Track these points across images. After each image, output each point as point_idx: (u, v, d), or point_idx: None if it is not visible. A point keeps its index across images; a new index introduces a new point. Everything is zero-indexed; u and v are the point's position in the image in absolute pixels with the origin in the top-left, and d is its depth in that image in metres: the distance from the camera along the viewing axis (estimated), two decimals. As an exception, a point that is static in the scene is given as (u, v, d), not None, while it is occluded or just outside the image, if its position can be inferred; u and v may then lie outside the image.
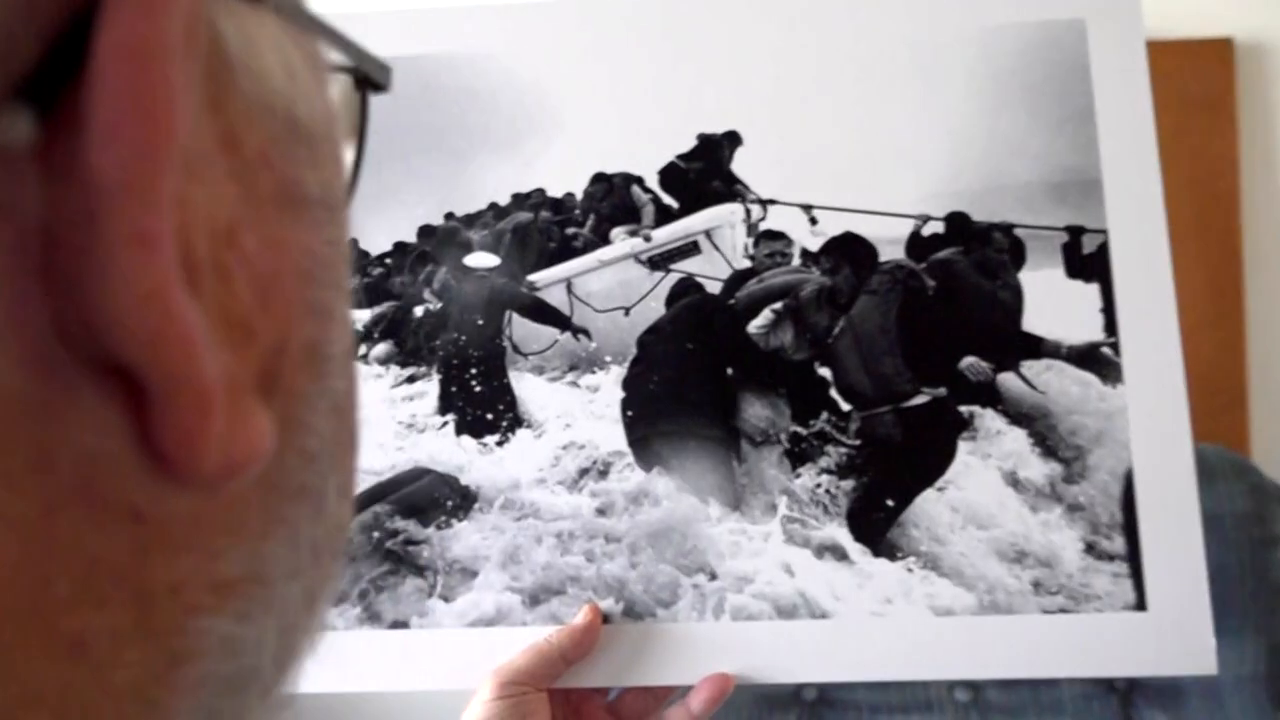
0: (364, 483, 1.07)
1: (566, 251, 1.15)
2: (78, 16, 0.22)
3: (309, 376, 0.30)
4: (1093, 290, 1.03)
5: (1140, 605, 0.96)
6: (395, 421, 1.10)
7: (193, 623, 0.26)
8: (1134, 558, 0.97)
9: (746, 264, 1.11)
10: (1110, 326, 1.01)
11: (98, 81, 0.22)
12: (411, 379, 1.12)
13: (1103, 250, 1.03)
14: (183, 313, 0.23)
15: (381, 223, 1.15)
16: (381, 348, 1.14)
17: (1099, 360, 1.02)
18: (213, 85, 0.26)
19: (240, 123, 0.27)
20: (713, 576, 1.01)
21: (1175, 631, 0.95)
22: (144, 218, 0.22)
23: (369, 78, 0.39)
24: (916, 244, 1.07)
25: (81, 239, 0.22)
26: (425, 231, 1.14)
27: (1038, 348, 1.04)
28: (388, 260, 1.16)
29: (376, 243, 1.16)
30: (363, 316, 1.15)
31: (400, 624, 1.02)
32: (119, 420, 0.24)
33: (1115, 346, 1.01)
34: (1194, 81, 1.83)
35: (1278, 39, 2.13)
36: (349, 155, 0.39)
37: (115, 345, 0.23)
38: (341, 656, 1.02)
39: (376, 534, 1.05)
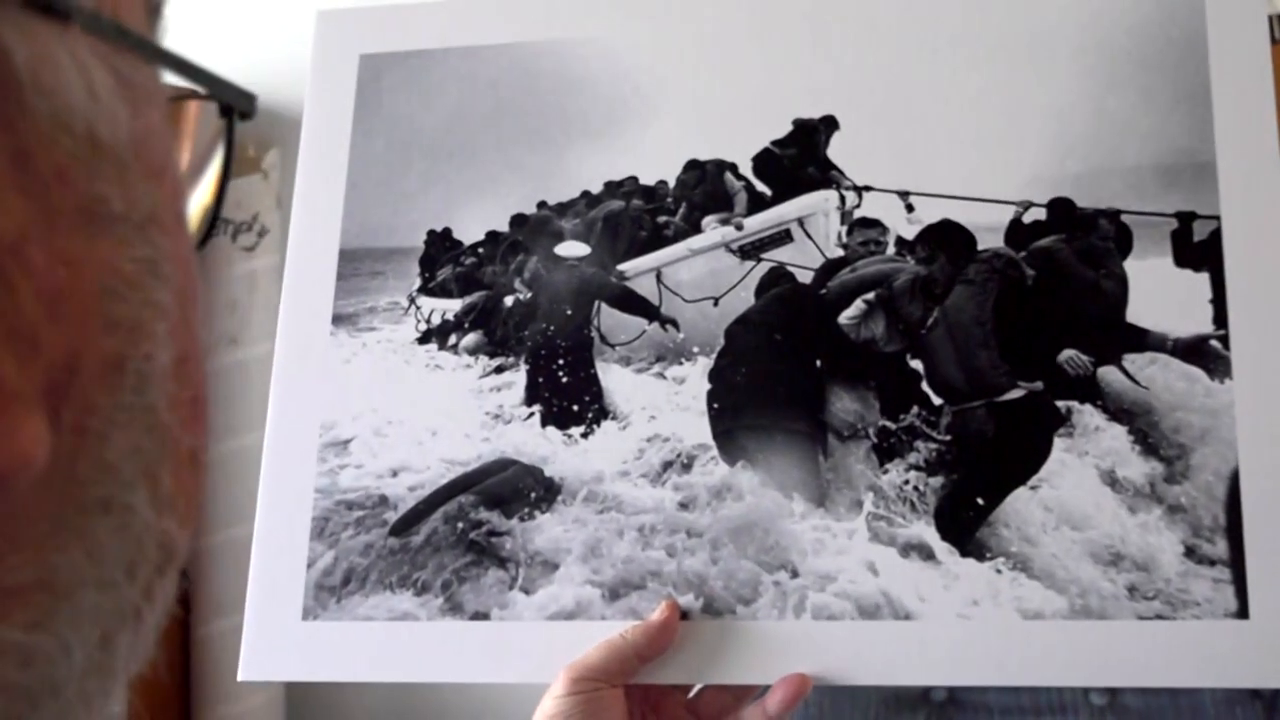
0: (450, 473, 1.08)
1: (657, 240, 1.15)
2: None
3: (107, 389, 0.30)
4: (1202, 280, 0.99)
5: (1242, 613, 0.92)
6: (482, 412, 1.11)
7: None
8: (1237, 563, 0.93)
9: (839, 253, 1.09)
10: (1220, 318, 0.97)
11: None
12: (500, 369, 1.13)
13: (1214, 238, 0.99)
14: None
15: (476, 212, 1.16)
16: (471, 338, 1.15)
17: (1207, 354, 0.98)
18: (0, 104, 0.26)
19: (32, 139, 0.27)
20: (794, 574, 1.00)
21: (1279, 640, 0.91)
22: None
23: (229, 104, 0.40)
24: (1017, 231, 1.05)
25: None
26: (518, 220, 1.16)
27: (1142, 340, 1.01)
28: (480, 250, 1.17)
29: (470, 232, 1.17)
30: (454, 306, 1.17)
31: (481, 615, 1.04)
32: None
33: (1225, 340, 0.97)
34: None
35: None
36: (199, 175, 0.40)
37: None
38: (423, 646, 1.04)
39: (461, 525, 1.06)
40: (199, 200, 0.42)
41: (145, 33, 0.34)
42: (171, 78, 0.35)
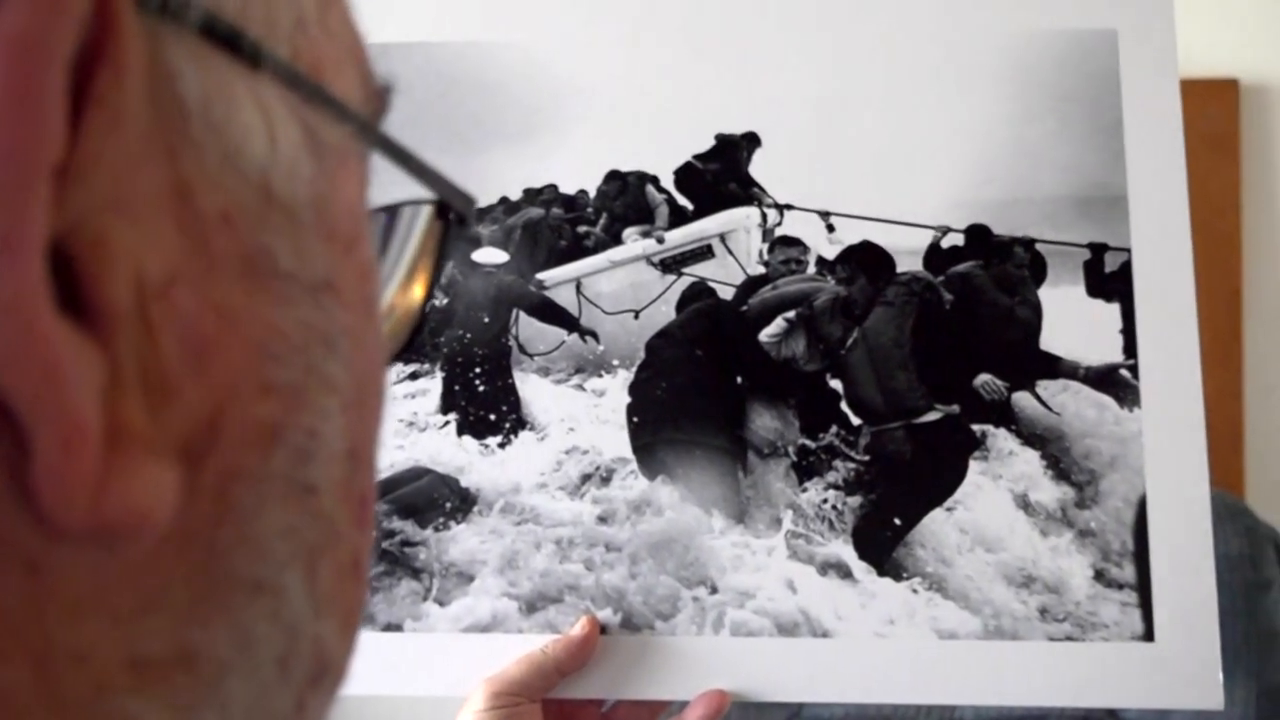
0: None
1: (577, 250, 1.17)
2: None
3: (258, 458, 0.28)
4: (1113, 310, 1.05)
5: (1148, 636, 0.98)
6: (396, 419, 1.13)
7: (107, 702, 0.25)
8: (1143, 587, 0.99)
9: (760, 270, 1.13)
10: (1130, 348, 1.03)
11: None
12: (414, 375, 1.14)
13: (1125, 269, 1.05)
14: (44, 331, 0.22)
15: None
16: (384, 343, 1.16)
17: (1117, 383, 1.04)
18: (164, 130, 0.25)
19: (197, 176, 0.26)
20: (714, 590, 1.03)
21: (1182, 664, 0.97)
22: (3, 223, 0.22)
23: (448, 206, 0.40)
24: (935, 256, 1.10)
25: None
26: (433, 224, 1.17)
27: (1055, 367, 1.06)
28: (394, 253, 1.18)
29: (383, 234, 1.18)
30: (367, 310, 1.18)
31: (394, 626, 1.05)
32: (7, 455, 0.23)
33: (1134, 369, 1.03)
34: (1198, 121, 1.89)
35: None
36: (388, 261, 0.40)
37: None
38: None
39: (373, 534, 1.07)
40: (403, 302, 0.41)
41: (351, 102, 0.33)
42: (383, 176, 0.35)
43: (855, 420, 1.08)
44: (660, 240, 1.16)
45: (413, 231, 0.42)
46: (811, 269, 1.12)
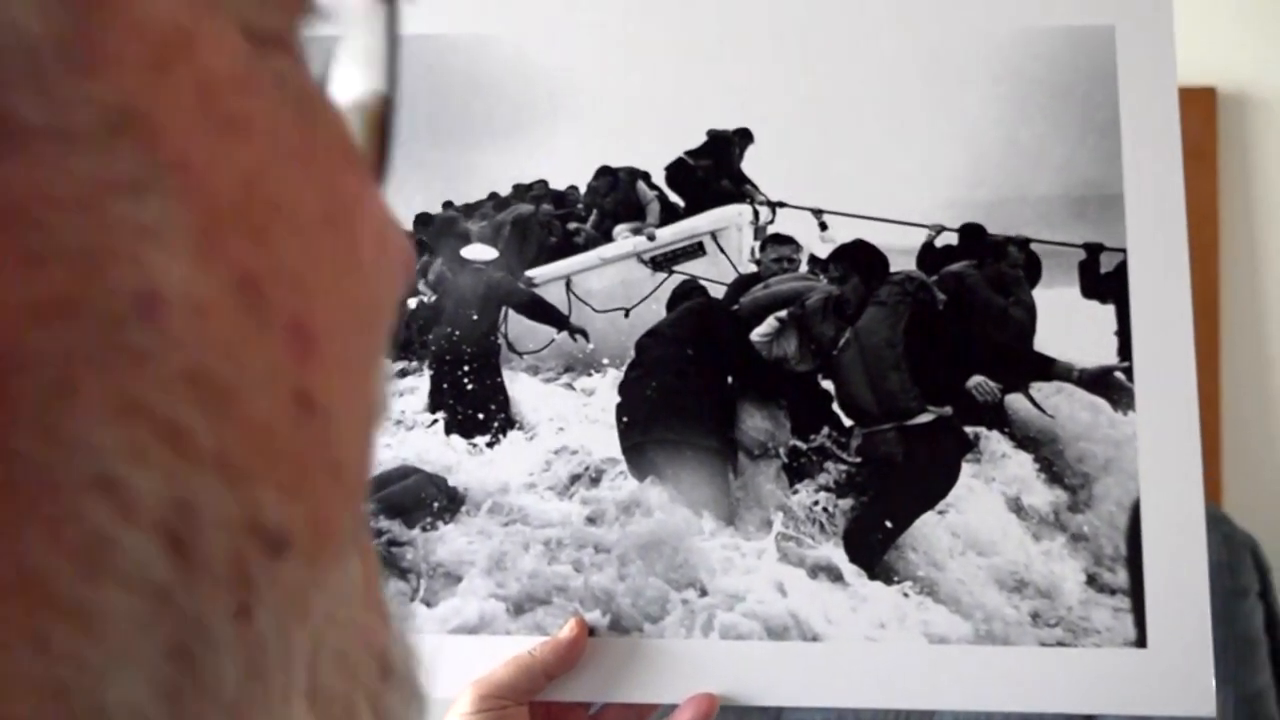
0: (349, 480, 1.09)
1: (567, 247, 1.16)
2: None
3: None
4: (1108, 312, 1.04)
5: (1140, 642, 0.98)
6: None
7: None
8: (1136, 593, 0.99)
9: (752, 268, 1.13)
10: (1124, 350, 1.03)
11: None
12: (402, 373, 1.14)
13: (1120, 270, 1.04)
14: None
15: None
16: (372, 340, 1.16)
17: (1111, 385, 1.03)
18: None
19: None
20: (703, 593, 1.03)
21: (1175, 671, 0.97)
22: None
23: None
24: (929, 255, 1.09)
25: None
26: (422, 220, 1.16)
27: (1048, 369, 1.06)
28: (382, 248, 1.17)
29: (371, 230, 1.17)
30: (354, 306, 1.17)
31: (380, 627, 1.04)
32: None
33: (1129, 372, 1.02)
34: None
35: (1260, 89, 2.21)
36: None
37: None
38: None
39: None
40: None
41: None
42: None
43: (847, 421, 1.08)
44: (651, 237, 1.15)
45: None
46: (804, 268, 1.12)
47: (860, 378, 1.08)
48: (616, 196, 1.15)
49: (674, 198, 1.15)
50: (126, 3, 0.25)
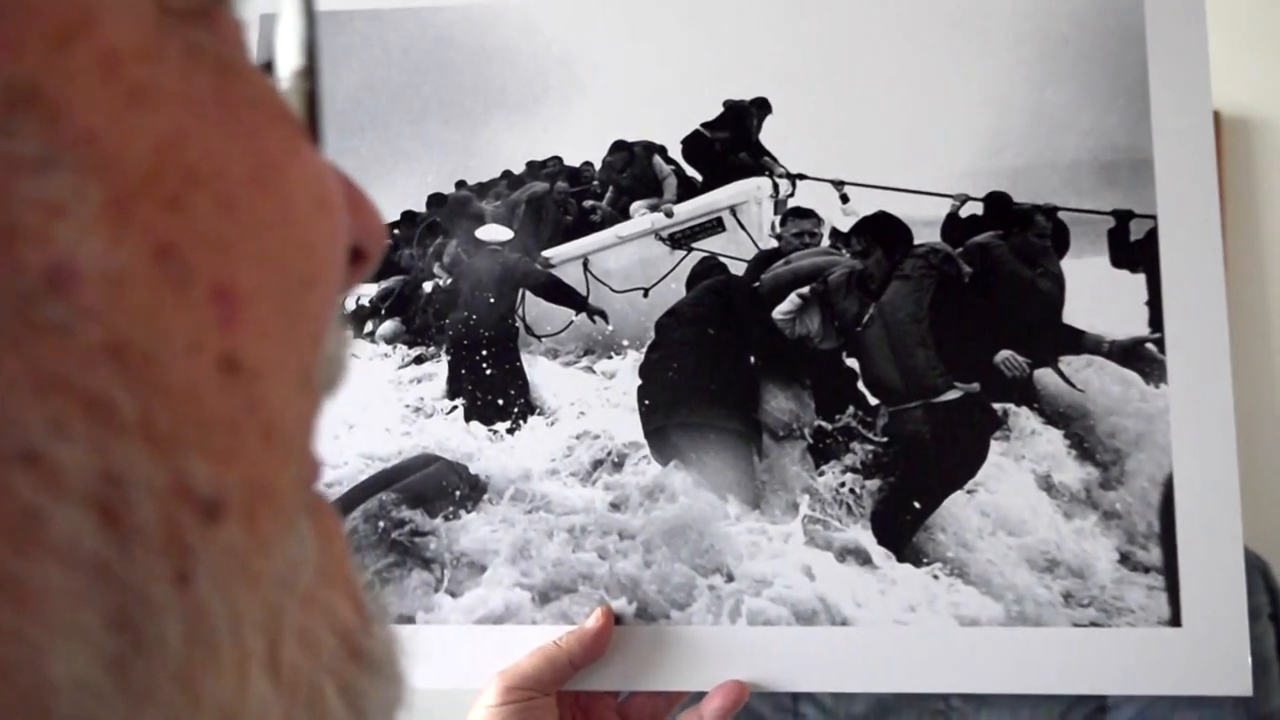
0: (369, 469, 1.10)
1: (583, 225, 1.16)
2: None
3: None
4: (1139, 281, 1.04)
5: (1175, 621, 0.98)
6: (402, 405, 1.13)
7: None
8: (1170, 571, 0.99)
9: (773, 244, 1.12)
10: (1156, 321, 1.02)
11: None
12: (419, 359, 1.14)
13: (1151, 238, 1.03)
14: None
15: (390, 190, 1.17)
16: (388, 325, 1.16)
17: (1142, 357, 1.03)
18: None
19: None
20: (730, 578, 1.03)
21: (1210, 650, 0.97)
22: None
23: None
24: (953, 226, 1.08)
25: None
26: (435, 200, 1.16)
27: (1078, 342, 1.05)
28: (395, 231, 1.17)
29: (385, 212, 1.17)
30: (369, 291, 1.18)
31: (406, 619, 1.06)
32: None
33: (1160, 343, 1.02)
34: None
35: (1264, 113, 2.21)
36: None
37: None
38: (344, 651, 1.05)
39: (382, 524, 1.08)
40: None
41: None
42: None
43: (873, 400, 1.07)
44: (669, 214, 1.15)
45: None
46: (825, 242, 1.11)
47: (885, 355, 1.07)
48: (632, 172, 1.15)
49: (691, 172, 1.15)
50: None
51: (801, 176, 1.11)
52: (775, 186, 1.12)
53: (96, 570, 0.24)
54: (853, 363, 1.09)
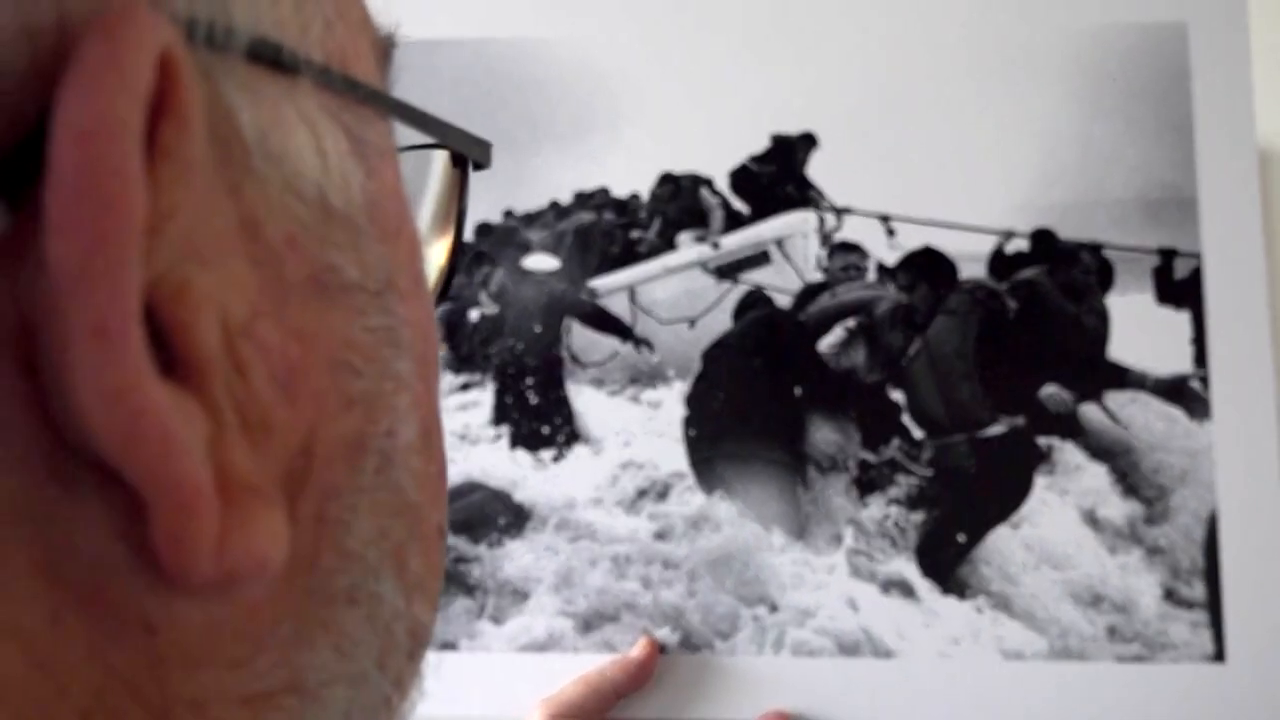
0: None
1: (629, 256, 1.18)
2: (44, 101, 0.23)
3: (348, 472, 0.30)
4: (1183, 318, 1.06)
5: (1219, 656, 1.00)
6: (448, 432, 1.14)
7: None
8: (1214, 606, 1.01)
9: (819, 277, 1.14)
10: (1200, 358, 1.04)
11: (51, 166, 0.22)
12: (465, 386, 1.16)
13: (1196, 275, 1.05)
14: (154, 409, 0.23)
15: None
16: (435, 353, 1.18)
17: (1187, 394, 1.05)
18: (227, 168, 0.26)
19: (260, 208, 0.27)
20: (774, 609, 1.06)
21: (1254, 686, 0.99)
22: (103, 309, 0.22)
23: (463, 154, 0.42)
24: (999, 262, 1.11)
25: (53, 333, 0.23)
26: (483, 230, 1.19)
27: (1123, 378, 1.07)
28: (443, 259, 1.19)
29: (432, 240, 1.19)
30: (416, 319, 1.19)
31: (449, 645, 1.08)
32: (121, 524, 0.24)
33: (1205, 380, 1.04)
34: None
35: None
36: (437, 231, 0.43)
37: (95, 446, 0.23)
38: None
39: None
40: (435, 257, 0.43)
41: (376, 83, 0.34)
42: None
43: (917, 433, 1.09)
44: (715, 245, 1.17)
45: (430, 175, 0.45)
46: (871, 275, 1.13)
47: (931, 388, 1.10)
48: (679, 204, 1.17)
49: (738, 204, 1.17)
50: (392, 190, 0.33)
51: (848, 210, 1.13)
52: (821, 220, 1.14)
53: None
54: (898, 395, 1.11)
